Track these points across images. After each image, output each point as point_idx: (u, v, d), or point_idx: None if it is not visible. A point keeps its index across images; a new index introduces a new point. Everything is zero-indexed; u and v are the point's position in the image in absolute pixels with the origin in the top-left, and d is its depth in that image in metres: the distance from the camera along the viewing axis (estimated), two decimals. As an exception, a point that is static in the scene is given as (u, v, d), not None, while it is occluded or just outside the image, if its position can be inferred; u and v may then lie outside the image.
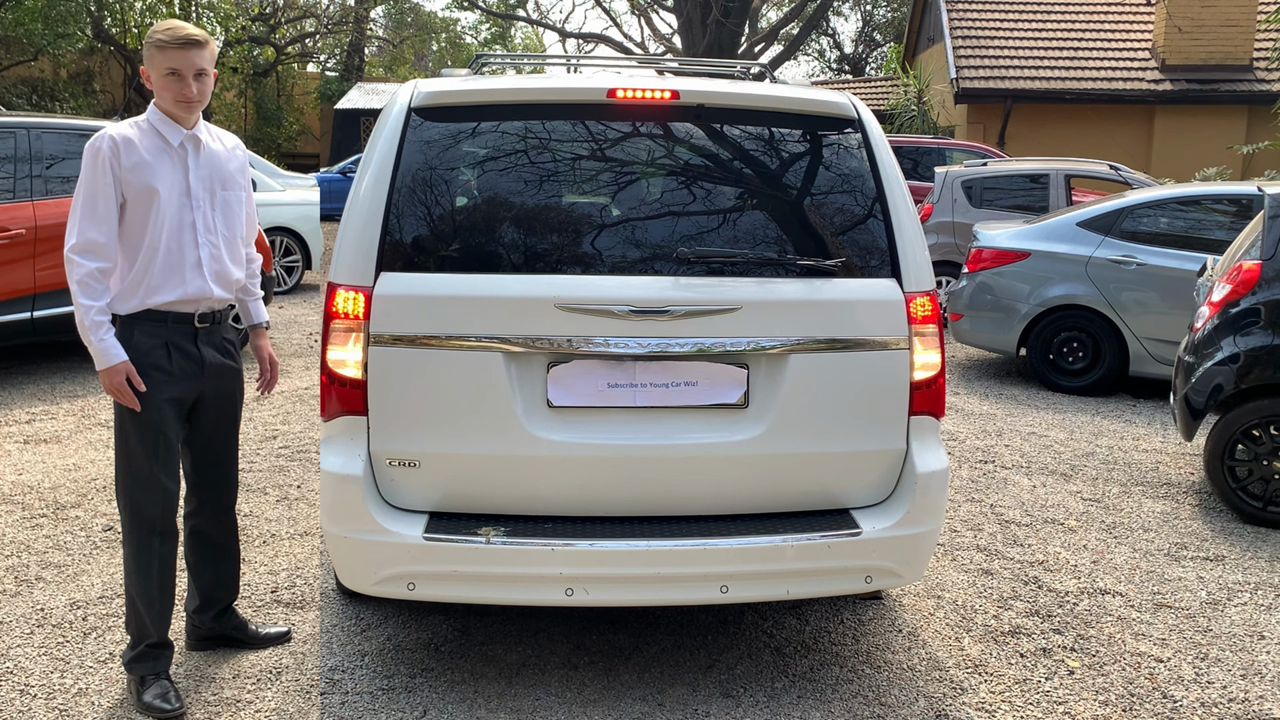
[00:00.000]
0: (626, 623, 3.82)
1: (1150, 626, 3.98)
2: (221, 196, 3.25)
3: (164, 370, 3.16)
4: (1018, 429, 6.92)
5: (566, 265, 3.13)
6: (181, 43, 3.08)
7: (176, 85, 3.10)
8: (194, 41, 3.10)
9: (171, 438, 3.19)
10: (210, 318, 3.25)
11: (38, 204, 7.29)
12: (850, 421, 3.21)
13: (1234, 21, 18.14)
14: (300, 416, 6.67)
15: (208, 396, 3.29)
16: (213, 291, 3.21)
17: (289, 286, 11.84)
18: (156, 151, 3.13)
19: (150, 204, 3.10)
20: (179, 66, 3.09)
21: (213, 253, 3.22)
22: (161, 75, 3.10)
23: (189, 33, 3.10)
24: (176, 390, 3.19)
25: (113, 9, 22.70)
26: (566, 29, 33.20)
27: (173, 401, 3.18)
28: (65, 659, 3.48)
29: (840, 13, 39.63)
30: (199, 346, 3.23)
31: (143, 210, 3.10)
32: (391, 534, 3.05)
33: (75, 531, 4.60)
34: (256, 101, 32.10)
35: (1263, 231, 5.38)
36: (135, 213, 3.11)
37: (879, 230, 3.28)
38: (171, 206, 3.12)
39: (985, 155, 13.64)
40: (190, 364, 3.21)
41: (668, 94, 3.26)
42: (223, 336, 3.33)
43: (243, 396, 3.44)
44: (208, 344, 3.26)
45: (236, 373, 3.38)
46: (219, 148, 3.30)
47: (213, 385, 3.29)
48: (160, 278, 3.13)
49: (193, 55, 3.10)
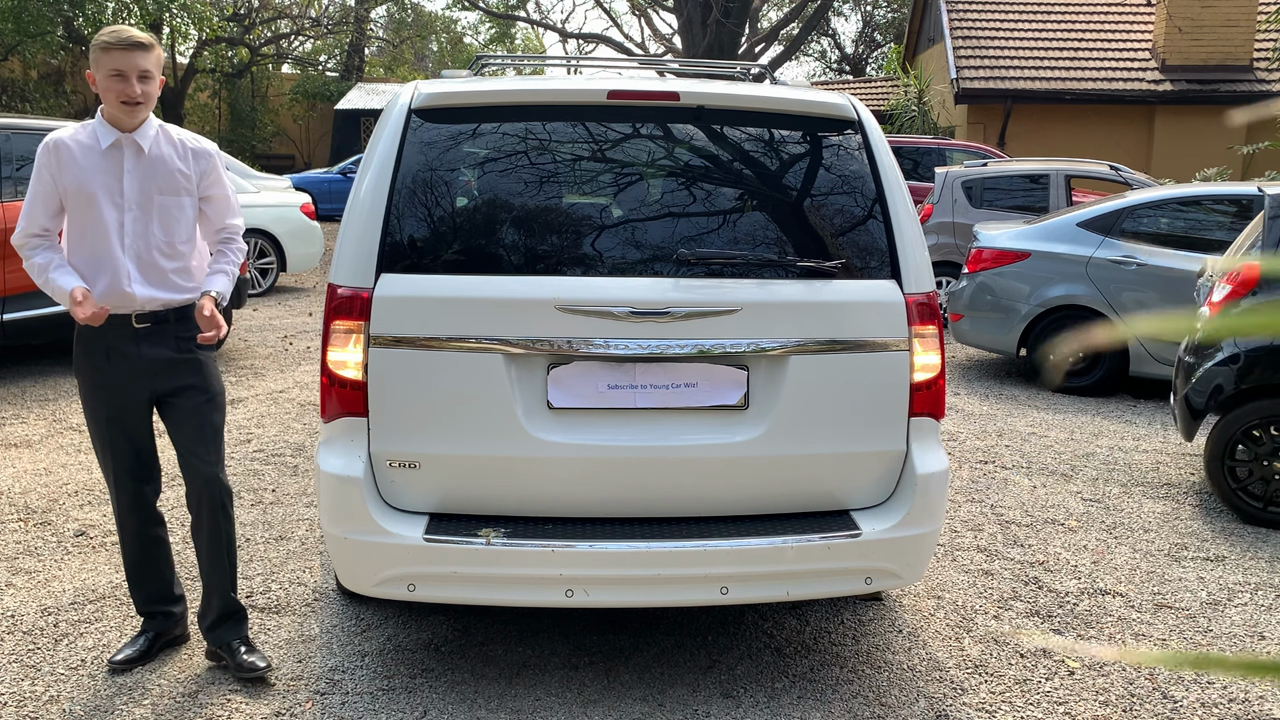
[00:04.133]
0: (627, 623, 3.82)
1: (1150, 627, 3.98)
2: (159, 201, 3.25)
3: (101, 372, 3.25)
4: (1018, 429, 6.92)
5: (567, 267, 3.13)
6: (126, 44, 3.12)
7: (120, 85, 3.13)
8: (138, 44, 3.14)
9: (119, 437, 3.29)
10: (150, 318, 3.26)
11: (7, 205, 7.21)
12: (850, 423, 3.21)
13: (1234, 22, 18.14)
14: (275, 420, 6.64)
15: (166, 393, 3.32)
16: (136, 293, 3.22)
17: (264, 289, 11.76)
18: (88, 153, 3.19)
19: (78, 204, 3.18)
20: (123, 68, 3.13)
21: (142, 256, 3.22)
22: (106, 76, 3.14)
23: (134, 35, 3.14)
24: (114, 392, 3.26)
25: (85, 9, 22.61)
26: (567, 29, 33.22)
27: (113, 402, 3.26)
28: (36, 665, 3.45)
29: (840, 13, 39.63)
30: (140, 346, 3.25)
31: (74, 210, 3.20)
32: (392, 535, 3.05)
33: (46, 537, 4.57)
34: (230, 102, 32.03)
35: (1263, 231, 5.38)
36: (70, 212, 3.21)
37: (879, 231, 3.28)
38: (100, 207, 3.18)
39: (985, 156, 13.64)
40: (130, 365, 3.25)
41: (668, 95, 3.27)
42: (178, 334, 3.31)
43: (214, 391, 3.36)
44: (156, 344, 3.27)
45: (196, 364, 3.34)
46: (167, 152, 3.28)
47: (167, 382, 3.30)
48: (89, 275, 3.21)
49: (137, 57, 3.13)
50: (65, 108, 26.23)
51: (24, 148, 7.47)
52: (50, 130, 7.68)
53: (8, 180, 7.30)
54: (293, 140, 32.53)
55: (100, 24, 24.34)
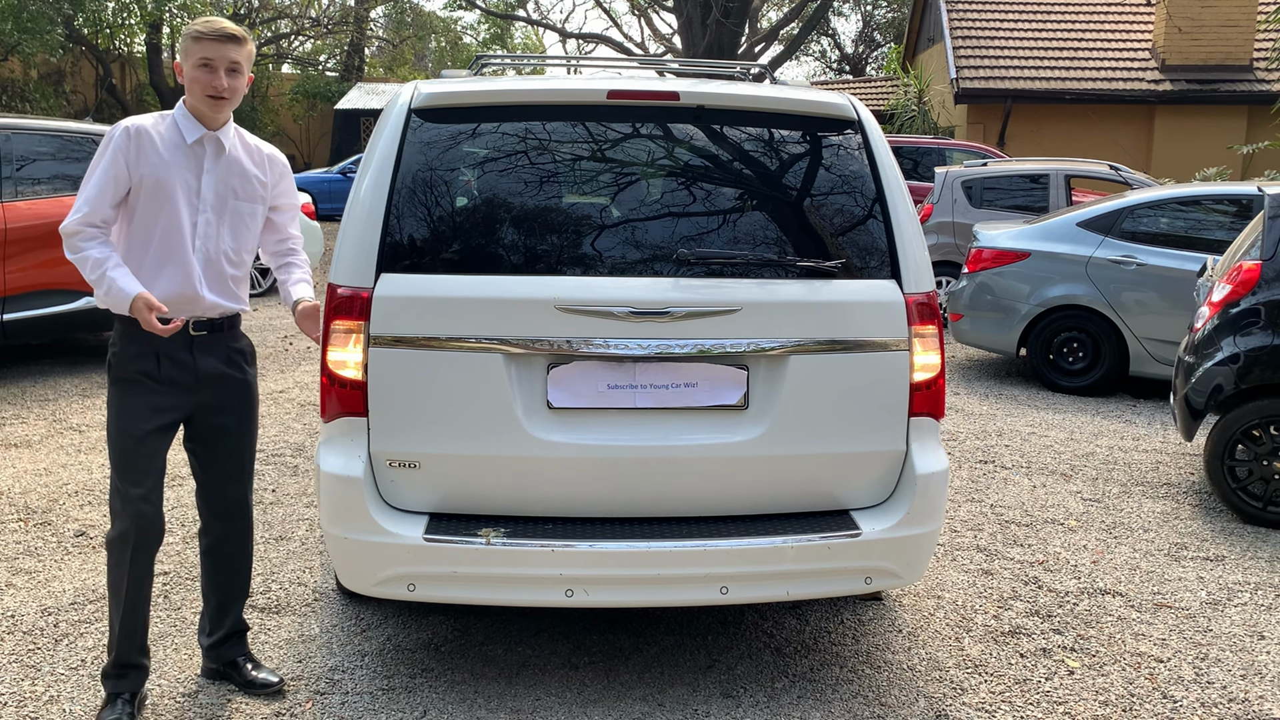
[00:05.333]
0: (627, 623, 3.82)
1: (1150, 626, 3.98)
2: (233, 205, 3.13)
3: (151, 378, 3.03)
4: (1018, 429, 6.92)
5: (567, 266, 3.13)
6: (218, 35, 3.01)
7: (207, 76, 3.00)
8: (232, 36, 3.03)
9: (151, 449, 3.04)
10: (208, 325, 3.12)
11: (7, 206, 7.21)
12: (850, 423, 3.21)
13: (1234, 21, 18.14)
14: (275, 420, 6.64)
15: (208, 409, 3.15)
16: (205, 296, 3.08)
17: (263, 289, 11.75)
18: (171, 146, 3.04)
19: (153, 198, 3.02)
20: (213, 57, 3.00)
21: (210, 258, 3.10)
22: (194, 66, 3.01)
23: (228, 27, 3.03)
24: (163, 400, 3.05)
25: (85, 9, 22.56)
26: (567, 29, 33.21)
27: (158, 411, 3.04)
28: (36, 666, 3.45)
29: (840, 13, 39.62)
30: (194, 355, 3.09)
31: (145, 204, 3.02)
32: (392, 535, 3.05)
33: (46, 537, 4.57)
34: None
35: (1263, 231, 5.38)
36: (139, 205, 3.03)
37: (879, 231, 3.28)
38: (176, 204, 3.03)
39: (985, 155, 13.64)
40: (183, 373, 3.07)
41: (668, 95, 3.27)
42: (229, 346, 3.18)
43: (254, 411, 3.27)
44: (207, 353, 3.12)
45: (243, 385, 3.21)
46: (248, 158, 3.18)
47: (212, 397, 3.14)
48: (151, 274, 3.03)
49: (228, 49, 3.02)
50: (65, 108, 26.23)
51: (24, 148, 7.48)
52: (53, 131, 7.75)
53: (8, 180, 7.30)
54: (293, 140, 32.52)
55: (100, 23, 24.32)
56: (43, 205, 7.41)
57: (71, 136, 7.80)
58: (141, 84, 29.89)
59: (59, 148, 7.70)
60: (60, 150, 7.70)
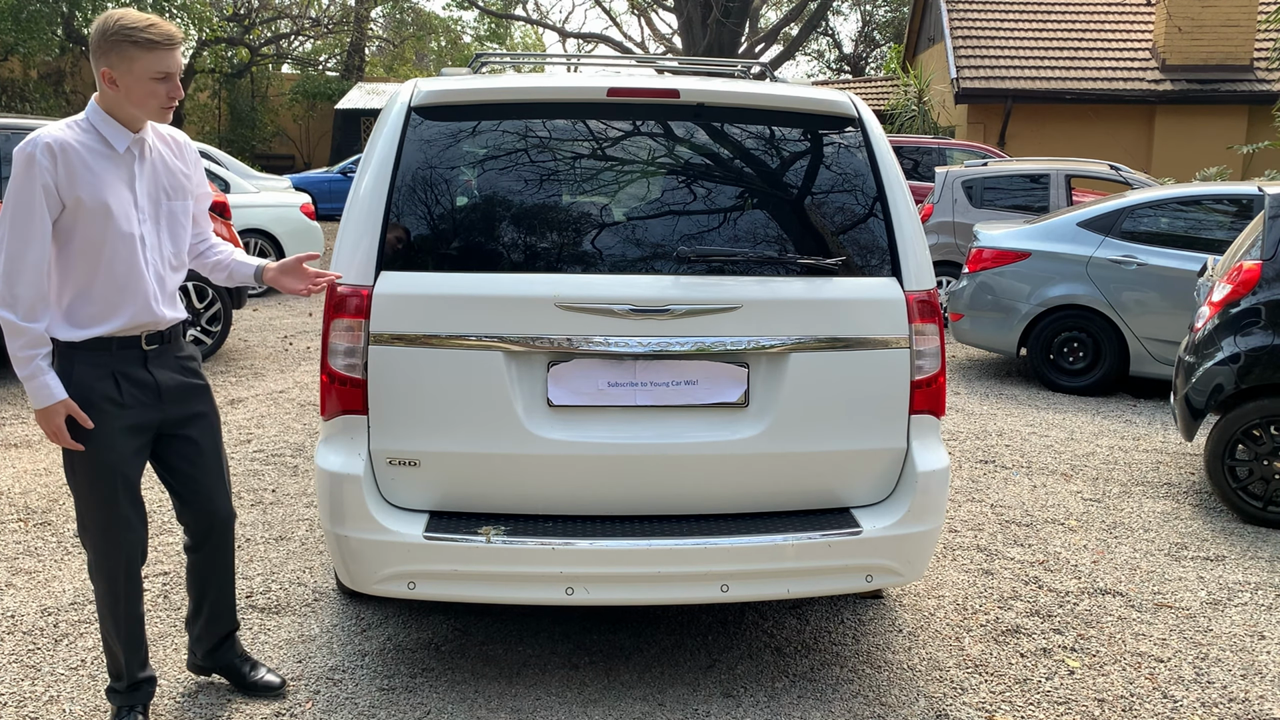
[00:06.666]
0: (627, 622, 3.81)
1: (1150, 626, 3.97)
2: (167, 207, 2.90)
3: (114, 401, 2.82)
4: (1018, 429, 6.92)
5: (567, 264, 3.13)
6: (171, 41, 2.73)
7: (165, 88, 2.74)
8: (179, 39, 2.77)
9: (130, 474, 2.88)
10: (160, 338, 2.92)
11: None
12: (851, 420, 3.20)
13: (1234, 21, 18.15)
14: (275, 420, 6.63)
15: (173, 421, 2.98)
16: (163, 315, 2.89)
17: (263, 289, 11.75)
18: (100, 158, 2.75)
19: (92, 220, 2.72)
20: (172, 70, 2.75)
21: (159, 271, 2.88)
22: (150, 78, 2.72)
23: (175, 30, 2.76)
24: (130, 420, 2.86)
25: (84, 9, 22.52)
26: (566, 29, 33.21)
27: (128, 432, 2.86)
28: (36, 666, 3.45)
29: (840, 12, 39.63)
30: (150, 370, 2.90)
31: (84, 226, 2.72)
32: (392, 533, 3.04)
33: (46, 537, 4.57)
34: (230, 103, 32.01)
35: (1263, 231, 5.37)
36: (75, 229, 2.72)
37: (879, 229, 3.28)
38: (118, 222, 2.75)
39: (985, 155, 13.64)
40: (143, 391, 2.88)
41: (668, 93, 3.26)
42: (176, 355, 2.99)
43: (217, 415, 3.12)
44: (162, 366, 2.93)
45: (202, 389, 3.05)
46: (166, 149, 2.94)
47: (176, 409, 2.97)
48: (103, 303, 2.78)
49: (179, 54, 2.78)
50: (65, 108, 26.22)
51: None
52: None
53: (7, 180, 7.28)
54: (293, 140, 32.53)
55: None
56: None
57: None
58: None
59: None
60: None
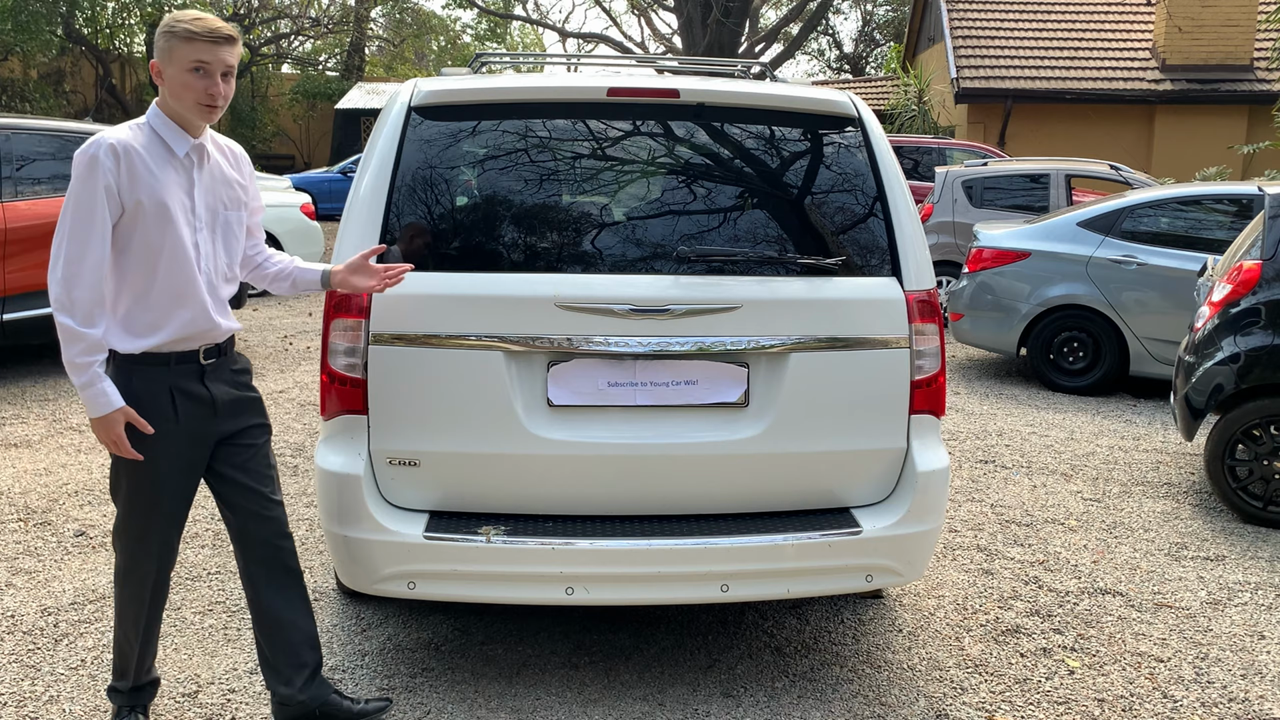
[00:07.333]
0: (627, 622, 3.81)
1: (1150, 626, 3.97)
2: (223, 217, 2.84)
3: (169, 420, 2.73)
4: (1018, 429, 6.92)
5: (567, 264, 3.13)
6: (213, 36, 2.65)
7: (202, 82, 2.66)
8: (228, 36, 2.68)
9: (178, 496, 2.81)
10: (216, 351, 2.85)
11: (7, 206, 7.21)
12: (851, 420, 3.20)
13: (1234, 21, 18.15)
14: (275, 420, 6.59)
15: (229, 437, 2.89)
16: (219, 324, 2.82)
17: (259, 289, 11.72)
18: (161, 162, 2.69)
19: (152, 224, 2.67)
20: (209, 61, 2.65)
21: (212, 280, 2.81)
22: (184, 70, 2.64)
23: (222, 26, 2.68)
24: (185, 441, 2.78)
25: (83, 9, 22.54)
26: (566, 29, 33.22)
27: (181, 449, 2.78)
28: (36, 666, 3.45)
29: (840, 12, 39.63)
30: (207, 385, 2.81)
31: (143, 231, 2.67)
32: (392, 533, 3.04)
33: (46, 537, 4.56)
34: (230, 102, 32.00)
35: (1263, 231, 5.37)
36: (134, 233, 2.67)
37: (879, 229, 3.28)
38: (178, 228, 2.70)
39: (985, 155, 13.64)
40: (200, 407, 2.79)
41: (668, 93, 3.26)
42: (231, 369, 2.91)
43: (269, 426, 3.02)
44: (218, 380, 2.85)
45: (255, 402, 2.96)
46: (223, 160, 2.89)
47: (231, 424, 2.88)
48: (159, 311, 2.71)
49: (223, 50, 2.67)
50: (65, 108, 26.24)
51: (24, 148, 7.48)
52: (53, 131, 7.73)
53: (8, 180, 7.31)
54: (293, 140, 32.51)
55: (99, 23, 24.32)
56: (43, 205, 7.42)
57: (71, 136, 7.80)
58: (141, 84, 29.90)
59: (59, 148, 7.70)
60: (60, 150, 7.70)
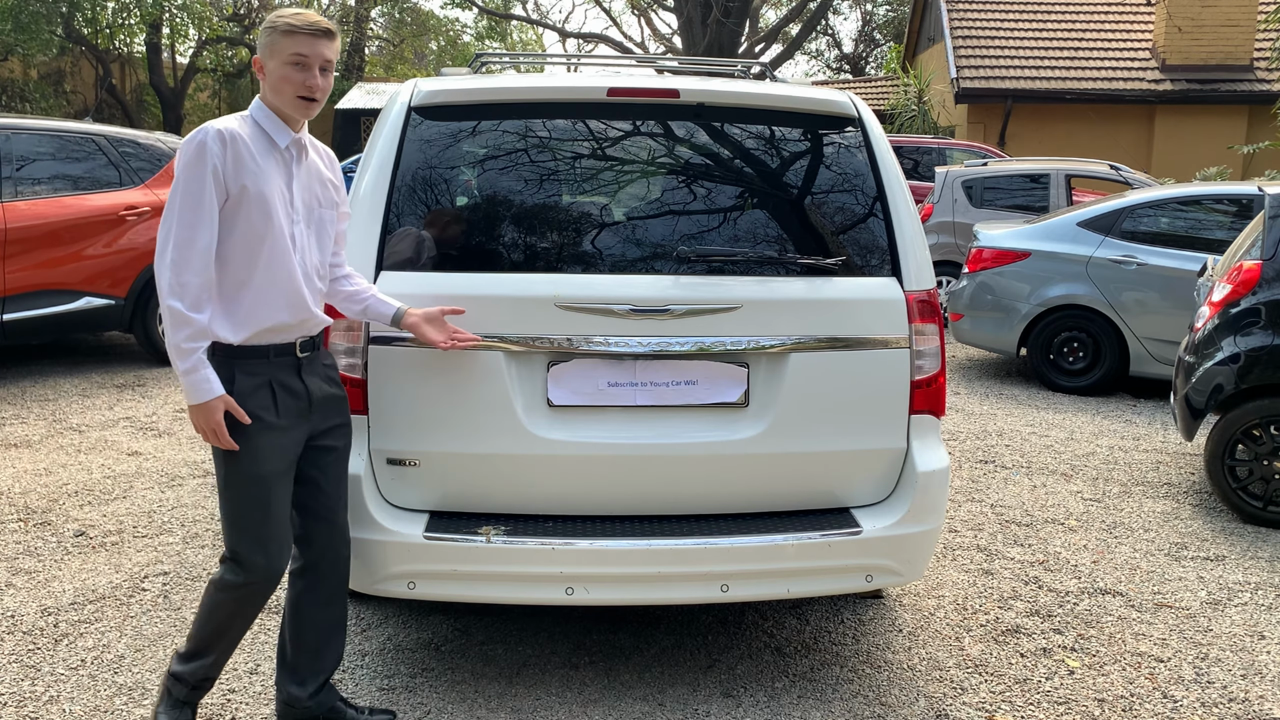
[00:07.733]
0: (627, 623, 3.81)
1: (1150, 626, 3.97)
2: (318, 214, 2.85)
3: (270, 412, 2.72)
4: (1018, 429, 6.92)
5: (566, 264, 3.13)
6: (312, 29, 2.68)
7: (301, 75, 2.67)
8: (327, 30, 2.70)
9: (282, 491, 2.77)
10: (311, 344, 2.84)
11: (7, 206, 7.22)
12: (851, 420, 3.20)
13: (1234, 21, 18.15)
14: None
15: (319, 434, 2.87)
16: (316, 315, 2.82)
17: None
18: (264, 151, 2.70)
19: (254, 211, 2.67)
20: (307, 54, 2.67)
21: (307, 273, 2.80)
22: (284, 63, 2.67)
23: (321, 20, 2.71)
24: (284, 436, 2.76)
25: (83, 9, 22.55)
26: (566, 29, 33.22)
27: (282, 449, 2.76)
28: (36, 666, 3.44)
29: (840, 12, 39.63)
30: (303, 378, 2.80)
31: (245, 218, 2.67)
32: (392, 533, 3.04)
33: (46, 537, 4.56)
34: (230, 102, 32.04)
35: (1263, 231, 5.37)
36: (237, 220, 2.67)
37: (879, 229, 3.28)
38: (278, 218, 2.71)
39: (985, 155, 13.64)
40: (298, 401, 2.78)
41: (668, 93, 3.26)
42: (324, 363, 2.91)
43: (351, 426, 2.98)
44: (312, 374, 2.84)
45: (343, 400, 2.94)
46: (319, 159, 2.91)
47: (321, 419, 2.86)
48: (260, 299, 2.71)
49: (322, 44, 2.69)
50: (65, 108, 26.24)
51: (24, 148, 7.48)
52: (54, 131, 7.73)
53: (8, 180, 7.31)
54: (293, 140, 32.56)
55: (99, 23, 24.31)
56: (43, 205, 7.42)
57: (71, 136, 7.81)
58: (141, 84, 29.92)
59: (59, 148, 7.70)
60: (60, 150, 7.71)
